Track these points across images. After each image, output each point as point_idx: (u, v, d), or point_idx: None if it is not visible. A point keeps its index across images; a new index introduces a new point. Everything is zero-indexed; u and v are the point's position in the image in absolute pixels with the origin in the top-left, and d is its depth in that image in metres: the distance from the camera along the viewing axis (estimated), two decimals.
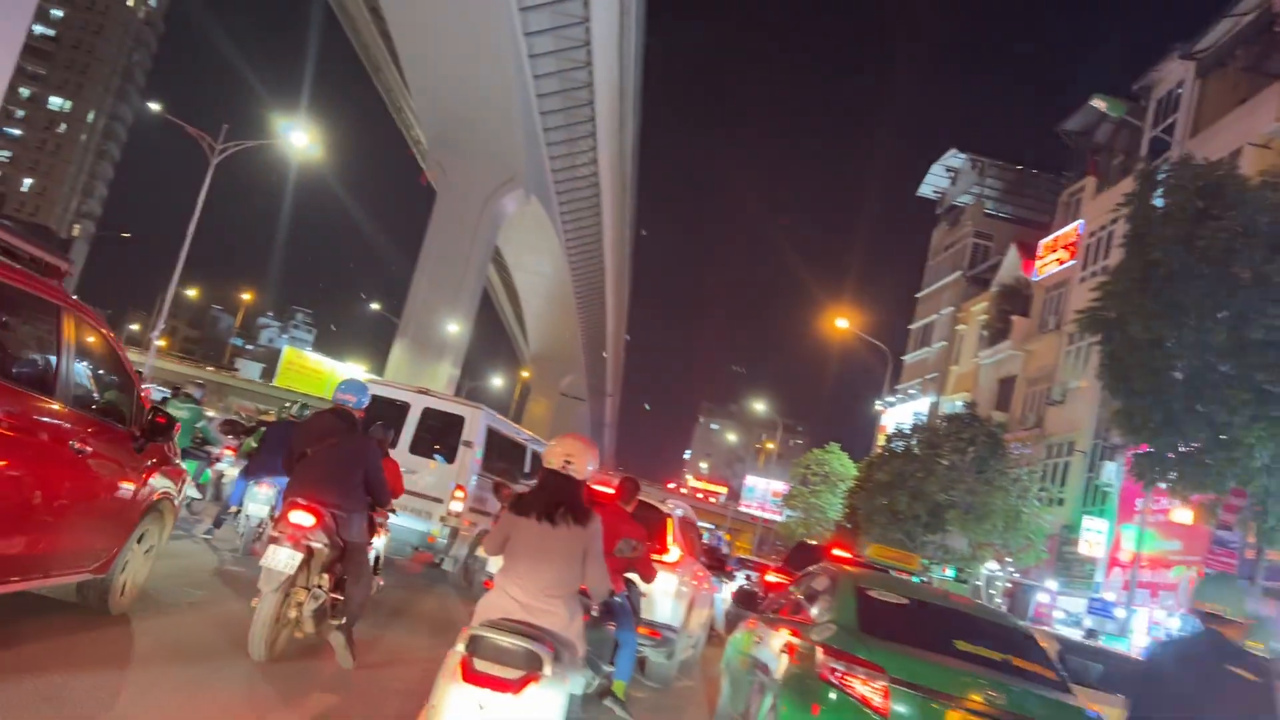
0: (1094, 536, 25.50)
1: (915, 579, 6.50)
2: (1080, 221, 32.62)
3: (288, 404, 48.53)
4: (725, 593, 14.47)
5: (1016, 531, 24.53)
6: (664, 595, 8.34)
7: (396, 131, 65.53)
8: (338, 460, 6.12)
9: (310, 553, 5.86)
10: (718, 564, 11.39)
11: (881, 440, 44.65)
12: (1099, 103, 29.10)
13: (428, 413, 12.71)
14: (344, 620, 6.07)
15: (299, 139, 30.30)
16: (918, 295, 47.68)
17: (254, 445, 11.48)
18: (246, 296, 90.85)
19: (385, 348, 61.10)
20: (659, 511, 9.00)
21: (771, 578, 13.87)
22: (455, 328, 55.60)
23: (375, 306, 77.60)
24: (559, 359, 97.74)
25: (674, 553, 8.82)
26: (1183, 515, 19.85)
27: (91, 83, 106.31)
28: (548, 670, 3.78)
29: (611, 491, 7.11)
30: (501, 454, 13.68)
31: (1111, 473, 25.93)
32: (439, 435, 12.68)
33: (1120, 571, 24.75)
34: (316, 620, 6.05)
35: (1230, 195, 14.46)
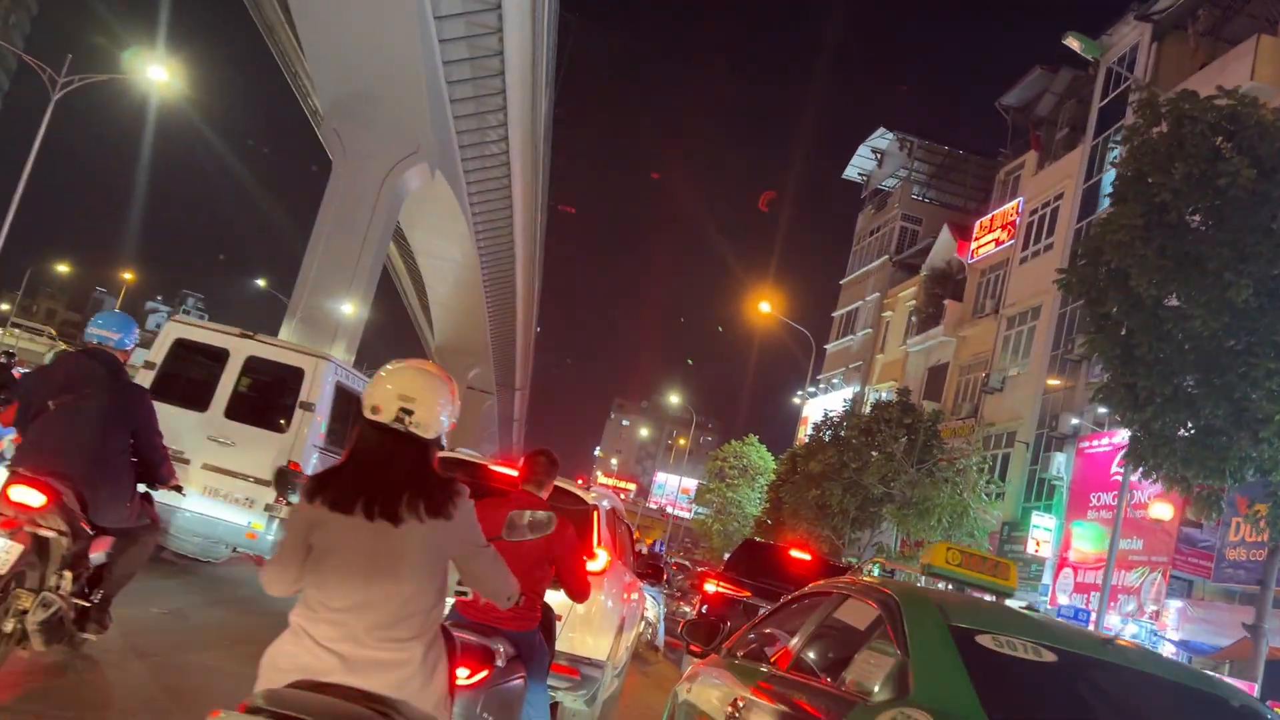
0: (1042, 534, 23.41)
1: (1021, 607, 3.66)
2: (1020, 199, 30.73)
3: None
4: (658, 604, 11.78)
5: (960, 528, 22.27)
6: (586, 618, 6.10)
7: (293, 100, 61.14)
8: (88, 417, 4.87)
9: (40, 544, 4.59)
10: (654, 573, 8.54)
11: (804, 432, 42.62)
12: (1072, 42, 26.89)
13: (253, 364, 9.58)
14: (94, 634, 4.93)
15: (158, 74, 26.46)
16: (842, 281, 45.65)
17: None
18: (128, 277, 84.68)
19: (276, 330, 56.75)
20: (581, 502, 6.56)
21: (714, 587, 11.04)
22: (349, 309, 51.64)
23: (261, 283, 72.33)
24: (466, 350, 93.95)
25: (601, 558, 6.38)
26: (1161, 510, 17.69)
27: None
28: None
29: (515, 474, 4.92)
30: (357, 422, 10.47)
31: (1060, 465, 23.88)
32: (267, 395, 9.79)
33: (1071, 573, 22.68)
34: (46, 634, 4.58)
35: (1252, 129, 12.16)
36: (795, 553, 11.70)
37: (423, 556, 2.66)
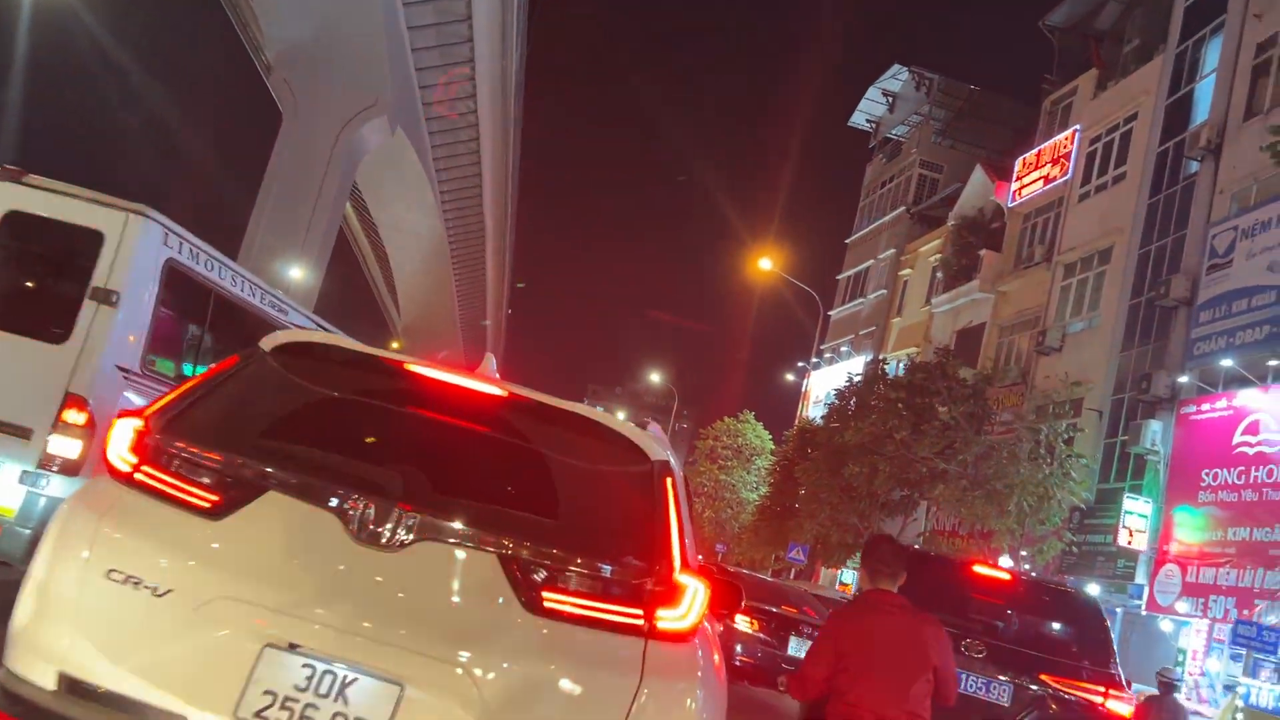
0: (1136, 522, 18.71)
1: None
2: (1076, 128, 26.01)
3: None
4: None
5: (1042, 514, 17.59)
6: None
7: (238, 44, 55.51)
8: None
9: None
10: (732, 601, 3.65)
11: (806, 408, 37.90)
12: None
13: (15, 225, 5.71)
14: None
15: None
16: (848, 240, 40.86)
17: None
18: None
19: None
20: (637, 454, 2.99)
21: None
22: (299, 273, 46.39)
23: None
24: (434, 331, 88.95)
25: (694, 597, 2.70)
26: None
27: None
28: None
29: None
30: (203, 323, 6.55)
31: (1156, 435, 19.18)
32: (36, 276, 6.15)
33: (1177, 570, 18.02)
34: None
35: None
36: (983, 570, 6.77)
37: None
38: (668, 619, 2.63)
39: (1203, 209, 19.90)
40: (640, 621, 2.60)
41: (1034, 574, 15.35)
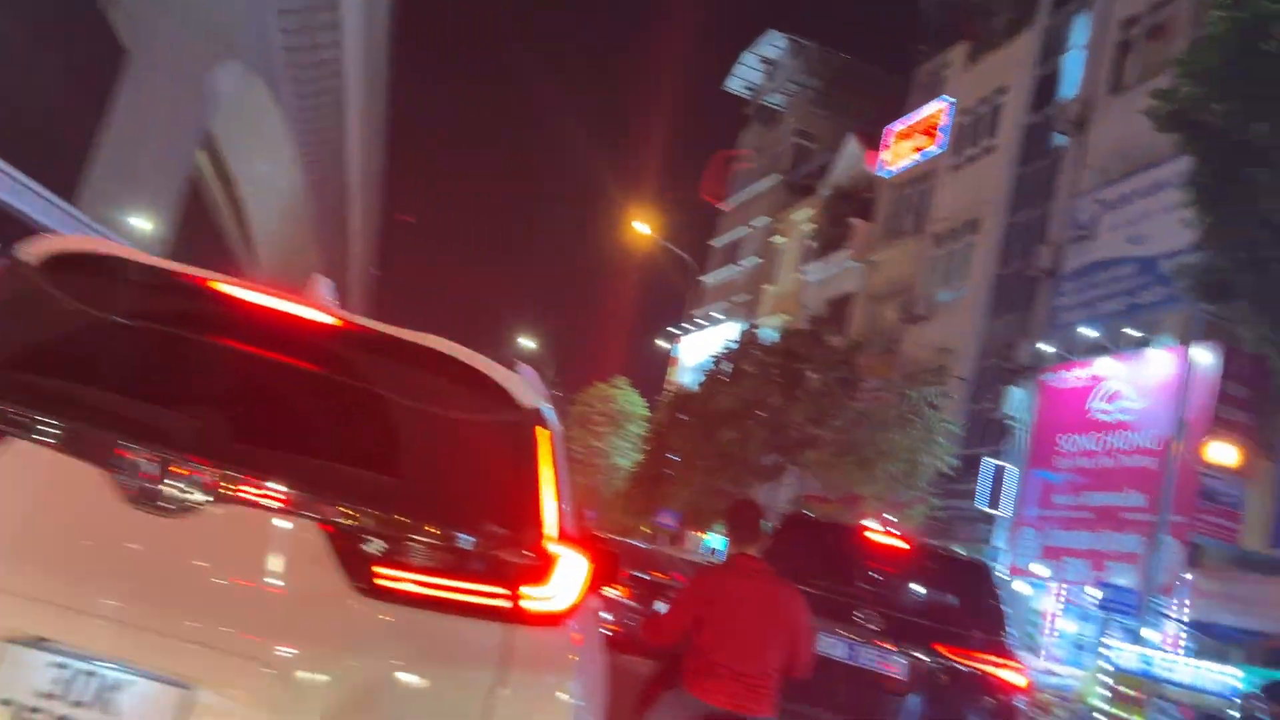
0: (996, 486, 19.08)
1: None
2: (947, 99, 26.33)
3: None
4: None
5: (910, 480, 17.74)
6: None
7: None
8: None
9: None
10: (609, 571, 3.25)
11: (674, 374, 37.82)
12: None
13: None
14: None
15: None
16: (723, 207, 40.77)
17: None
18: None
19: None
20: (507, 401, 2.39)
21: None
22: (143, 223, 43.49)
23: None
24: (295, 291, 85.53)
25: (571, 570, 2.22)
26: (1224, 453, 13.32)
27: None
28: None
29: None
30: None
31: (1019, 402, 19.60)
32: None
33: (1033, 533, 18.50)
34: None
35: None
36: (877, 535, 6.37)
37: None
38: (536, 598, 2.12)
39: (1069, 182, 20.35)
40: (503, 603, 2.08)
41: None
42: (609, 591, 10.75)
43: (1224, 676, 11.13)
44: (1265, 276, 8.72)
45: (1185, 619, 15.12)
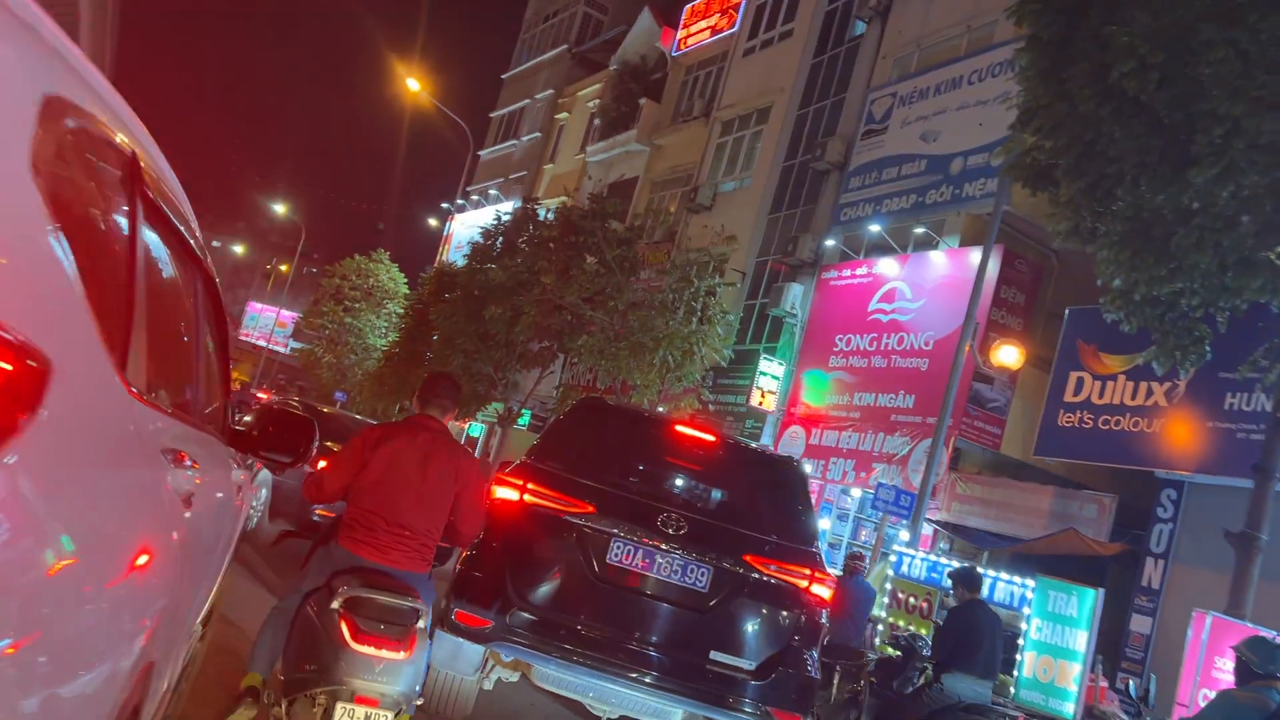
0: (768, 383, 18.58)
1: None
2: None
3: None
4: None
5: (684, 369, 16.82)
6: None
7: None
8: None
9: None
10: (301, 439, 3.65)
11: (447, 252, 35.39)
12: None
13: None
14: None
15: None
16: (505, 76, 38.14)
17: None
18: None
19: None
20: None
21: (515, 495, 4.55)
22: None
23: None
24: None
25: None
26: (1009, 355, 12.96)
27: None
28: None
29: None
30: None
31: (796, 298, 19.04)
32: None
33: (801, 432, 18.16)
34: None
35: None
36: (686, 429, 5.04)
37: None
38: None
39: (864, 73, 19.64)
40: None
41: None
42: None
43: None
44: (1090, 159, 7.95)
45: (940, 520, 15.19)
